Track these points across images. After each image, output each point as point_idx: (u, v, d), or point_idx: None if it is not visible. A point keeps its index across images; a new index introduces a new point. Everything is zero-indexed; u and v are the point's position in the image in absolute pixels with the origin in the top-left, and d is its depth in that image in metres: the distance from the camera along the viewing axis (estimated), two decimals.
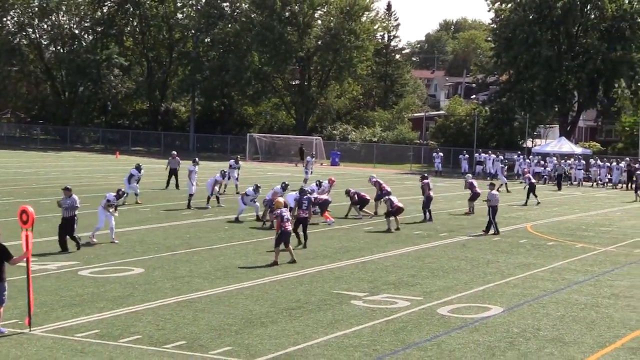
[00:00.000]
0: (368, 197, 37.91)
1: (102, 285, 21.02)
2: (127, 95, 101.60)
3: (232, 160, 48.81)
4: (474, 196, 40.50)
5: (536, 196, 46.09)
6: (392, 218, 33.45)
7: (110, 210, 28.01)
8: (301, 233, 28.36)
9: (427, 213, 36.98)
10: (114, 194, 28.60)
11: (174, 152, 50.39)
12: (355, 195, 37.39)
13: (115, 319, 17.80)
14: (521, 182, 64.28)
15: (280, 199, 26.98)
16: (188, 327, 17.25)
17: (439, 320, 18.65)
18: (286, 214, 25.31)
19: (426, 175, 39.64)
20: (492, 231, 33.04)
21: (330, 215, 34.98)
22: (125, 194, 39.01)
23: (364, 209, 37.55)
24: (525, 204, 45.57)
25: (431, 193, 37.86)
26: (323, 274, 23.47)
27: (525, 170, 54.50)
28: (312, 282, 22.30)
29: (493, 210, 33.19)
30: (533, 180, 47.61)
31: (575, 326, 18.51)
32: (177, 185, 47.30)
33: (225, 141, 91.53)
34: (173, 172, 47.95)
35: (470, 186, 40.98)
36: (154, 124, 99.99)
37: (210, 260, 25.03)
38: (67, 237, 25.81)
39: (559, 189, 60.11)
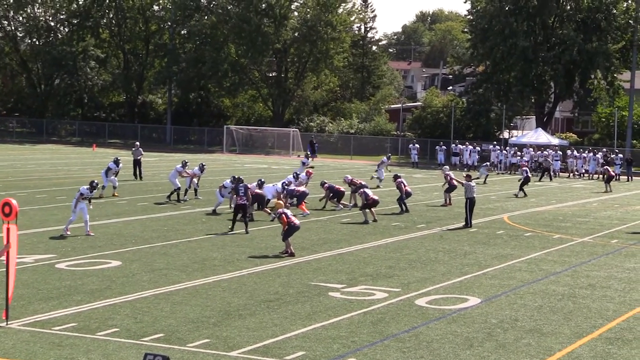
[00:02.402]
0: (342, 190, 37.95)
1: (80, 278, 20.94)
2: (104, 87, 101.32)
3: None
4: (451, 188, 40.55)
5: (523, 190, 46.42)
6: (367, 210, 33.50)
7: (85, 203, 27.83)
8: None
9: (403, 205, 37.05)
10: (87, 187, 28.37)
11: (137, 143, 50.58)
12: (329, 190, 37.41)
13: (92, 312, 17.73)
14: (500, 173, 64.63)
15: (280, 201, 27.22)
16: (166, 320, 17.20)
17: (417, 311, 18.67)
18: (288, 210, 25.62)
19: (398, 174, 39.53)
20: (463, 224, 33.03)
21: (305, 208, 34.95)
22: (103, 187, 38.91)
23: (341, 201, 37.54)
24: (517, 196, 45.83)
25: (408, 189, 37.93)
26: (301, 266, 23.45)
27: (522, 163, 53.49)
28: (290, 274, 22.29)
29: (470, 202, 33.15)
30: (529, 175, 47.89)
31: (553, 317, 18.58)
32: (140, 176, 47.63)
33: (202, 133, 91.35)
34: (136, 162, 48.22)
35: (447, 178, 41.09)
36: (131, 117, 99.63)
37: (187, 253, 24.97)
38: None
39: (550, 179, 60.29)
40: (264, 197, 34.12)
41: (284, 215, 25.15)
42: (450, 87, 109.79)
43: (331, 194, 37.29)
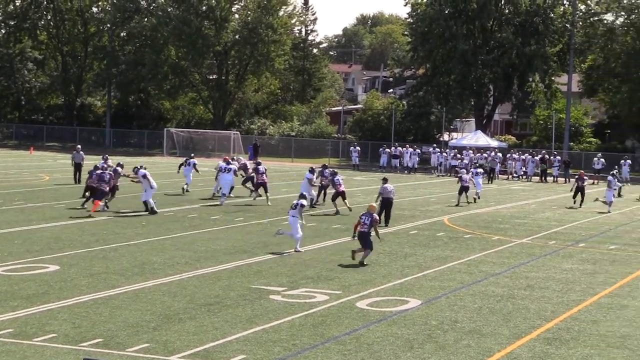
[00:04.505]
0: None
1: (16, 283, 20.63)
2: (42, 90, 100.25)
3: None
4: (463, 189, 43.11)
5: (579, 199, 45.02)
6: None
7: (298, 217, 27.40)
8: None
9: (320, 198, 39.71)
10: (304, 200, 28.25)
11: (79, 147, 50.15)
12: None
13: (29, 317, 17.48)
14: (440, 176, 64.92)
15: (374, 204, 27.39)
16: (105, 325, 17.02)
17: (358, 313, 18.69)
18: (363, 218, 25.22)
19: (325, 165, 42.43)
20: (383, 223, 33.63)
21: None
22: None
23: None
24: (580, 206, 44.62)
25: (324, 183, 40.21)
26: (242, 269, 23.37)
27: (582, 172, 48.72)
28: (231, 277, 22.20)
29: (385, 202, 33.70)
30: (585, 183, 46.10)
31: (492, 318, 18.71)
32: (79, 180, 47.06)
33: (142, 136, 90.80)
34: (77, 166, 47.76)
35: (461, 180, 43.42)
36: (69, 119, 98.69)
37: (127, 257, 24.75)
38: None
39: (490, 181, 60.89)
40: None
41: (355, 222, 25.63)
42: (391, 90, 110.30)
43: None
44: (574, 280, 23.47)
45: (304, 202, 28.36)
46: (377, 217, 25.98)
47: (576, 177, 47.09)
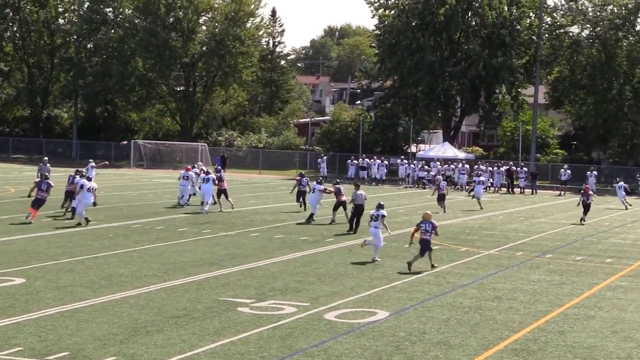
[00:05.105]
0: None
1: None
2: (7, 101, 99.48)
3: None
4: (441, 197, 46.29)
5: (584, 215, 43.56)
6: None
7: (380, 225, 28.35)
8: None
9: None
10: (383, 210, 28.75)
11: (45, 159, 49.90)
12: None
13: None
14: (408, 187, 64.95)
15: (429, 212, 28.08)
16: (71, 338, 16.90)
17: (326, 325, 18.67)
18: (424, 225, 26.48)
19: (302, 174, 43.20)
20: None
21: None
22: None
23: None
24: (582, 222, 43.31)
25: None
26: (210, 281, 23.28)
27: (587, 187, 46.61)
28: (199, 289, 22.11)
29: (357, 209, 34.81)
30: (590, 198, 44.28)
31: (460, 329, 18.75)
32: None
33: (109, 148, 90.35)
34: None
35: (439, 188, 46.51)
36: (36, 131, 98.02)
37: (94, 269, 24.59)
38: None
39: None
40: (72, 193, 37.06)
41: (418, 229, 26.69)
42: (359, 102, 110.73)
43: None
44: (541, 291, 23.58)
45: (384, 212, 28.85)
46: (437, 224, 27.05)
47: (581, 192, 45.25)
